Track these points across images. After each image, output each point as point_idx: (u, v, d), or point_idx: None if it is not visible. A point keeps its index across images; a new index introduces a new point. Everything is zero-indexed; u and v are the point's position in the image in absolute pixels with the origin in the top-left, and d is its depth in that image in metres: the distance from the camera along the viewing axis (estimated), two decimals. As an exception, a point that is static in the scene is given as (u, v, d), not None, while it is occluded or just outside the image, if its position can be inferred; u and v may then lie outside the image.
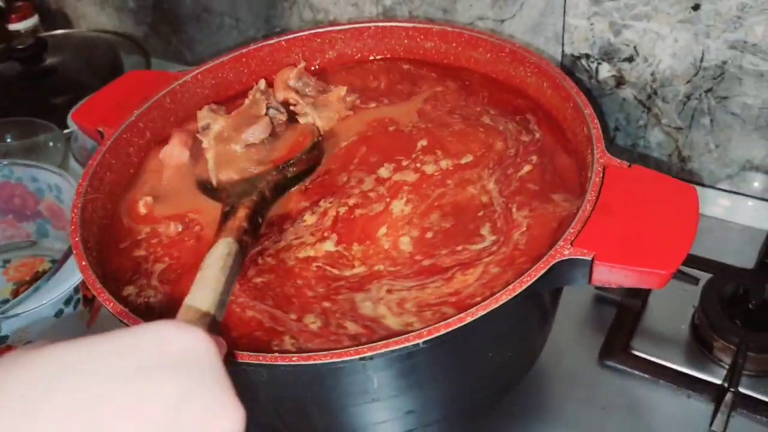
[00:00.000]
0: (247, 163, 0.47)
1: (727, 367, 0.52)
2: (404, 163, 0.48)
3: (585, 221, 0.36)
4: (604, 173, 0.39)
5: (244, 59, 0.57)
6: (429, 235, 0.43)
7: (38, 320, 0.52)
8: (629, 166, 0.40)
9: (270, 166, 0.47)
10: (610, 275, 0.35)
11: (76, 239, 0.41)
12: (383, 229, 0.44)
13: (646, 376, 0.54)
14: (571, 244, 0.35)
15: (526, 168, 0.47)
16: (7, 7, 1.04)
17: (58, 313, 0.53)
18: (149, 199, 0.48)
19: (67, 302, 0.54)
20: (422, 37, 0.57)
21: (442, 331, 0.32)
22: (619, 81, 0.67)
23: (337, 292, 0.41)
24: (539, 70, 0.50)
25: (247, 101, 0.51)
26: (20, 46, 0.90)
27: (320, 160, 0.49)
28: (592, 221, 0.36)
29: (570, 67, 0.69)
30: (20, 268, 0.68)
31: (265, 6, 0.87)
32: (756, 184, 0.66)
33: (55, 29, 1.11)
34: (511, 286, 0.34)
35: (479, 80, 0.55)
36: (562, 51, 0.69)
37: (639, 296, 0.59)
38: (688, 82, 0.64)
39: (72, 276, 0.51)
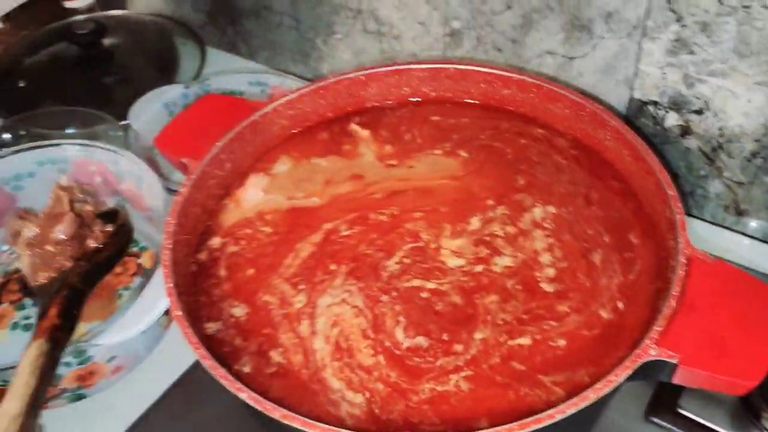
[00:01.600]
0: (64, 258, 0.51)
1: (772, 438, 0.54)
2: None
3: (670, 319, 0.38)
4: (688, 266, 0.40)
5: (322, 91, 0.58)
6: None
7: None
8: (713, 259, 0.41)
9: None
10: (693, 378, 0.36)
11: (170, 285, 0.42)
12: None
13: (692, 437, 0.55)
14: (657, 344, 0.37)
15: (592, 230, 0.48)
16: (65, -16, 1.04)
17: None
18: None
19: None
20: (500, 83, 0.57)
21: (533, 426, 0.34)
22: (685, 131, 0.67)
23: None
24: (620, 136, 0.50)
25: (49, 201, 0.53)
26: (81, 31, 0.90)
27: (129, 240, 0.53)
28: (678, 319, 0.37)
29: (636, 111, 0.69)
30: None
31: (329, 12, 0.87)
32: (812, 246, 0.67)
33: (110, 8, 1.11)
34: (598, 385, 0.35)
35: (553, 133, 0.55)
36: (631, 95, 0.69)
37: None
38: (756, 140, 0.64)
39: (156, 305, 0.52)
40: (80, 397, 0.57)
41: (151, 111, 0.79)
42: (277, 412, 0.35)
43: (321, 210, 0.52)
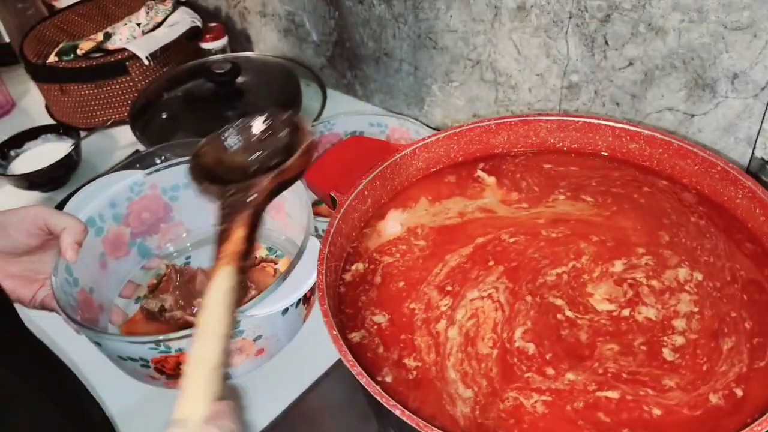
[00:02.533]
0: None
1: None
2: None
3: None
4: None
5: (456, 137, 0.62)
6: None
7: (269, 317, 0.59)
8: None
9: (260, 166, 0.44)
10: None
11: (325, 306, 0.47)
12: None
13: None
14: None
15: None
16: (202, 26, 1.15)
17: (284, 312, 0.60)
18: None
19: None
20: (628, 137, 0.60)
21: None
22: (809, 192, 0.68)
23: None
24: (753, 195, 0.52)
25: None
26: (218, 70, 0.99)
27: (311, 157, 0.45)
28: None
29: (757, 170, 0.70)
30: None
31: (448, 61, 0.92)
32: None
33: (239, 50, 1.21)
34: None
35: (676, 186, 0.57)
36: (752, 154, 0.70)
37: None
38: None
39: (302, 285, 0.57)
40: (225, 378, 0.62)
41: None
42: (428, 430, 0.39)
43: (469, 226, 0.56)
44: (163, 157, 0.92)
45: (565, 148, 0.63)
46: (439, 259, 0.54)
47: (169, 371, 0.60)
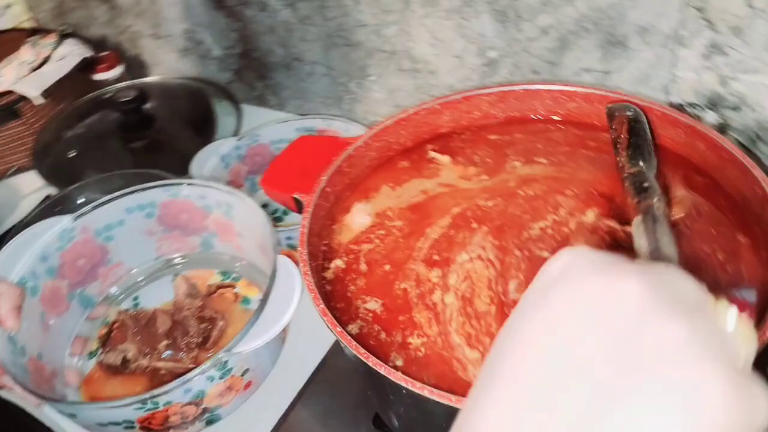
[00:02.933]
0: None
1: None
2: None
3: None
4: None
5: (403, 122, 0.62)
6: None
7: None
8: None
9: None
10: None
11: (322, 306, 0.45)
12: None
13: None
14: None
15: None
16: (93, 57, 1.08)
17: None
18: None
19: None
20: (566, 98, 0.62)
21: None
22: (724, 127, 0.73)
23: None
24: (693, 131, 0.56)
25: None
26: (124, 99, 0.94)
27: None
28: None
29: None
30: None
31: (362, 56, 0.92)
32: None
33: (136, 77, 1.15)
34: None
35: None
36: (669, 100, 0.74)
37: None
38: (792, 128, 0.70)
39: (284, 315, 0.55)
40: (215, 420, 0.59)
41: (210, 164, 0.82)
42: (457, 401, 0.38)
43: (439, 201, 0.56)
44: (81, 198, 0.86)
45: (506, 120, 0.64)
46: (419, 234, 0.53)
47: (156, 427, 0.56)
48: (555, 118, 0.63)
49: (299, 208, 0.56)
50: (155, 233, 0.74)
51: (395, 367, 0.44)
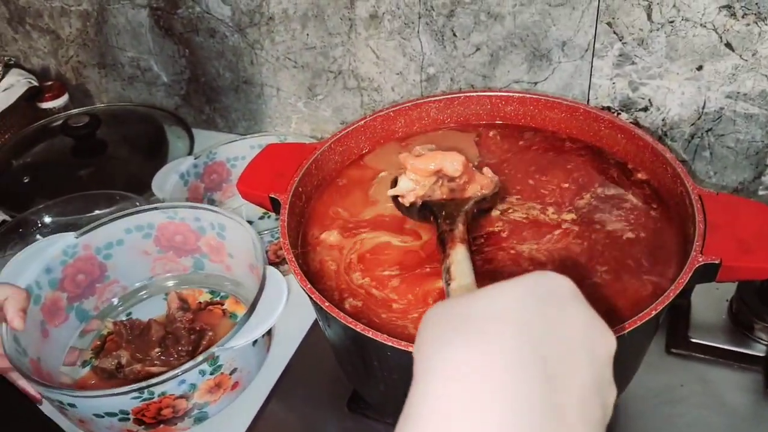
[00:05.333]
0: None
1: (767, 342, 0.68)
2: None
3: (704, 236, 0.51)
4: (702, 201, 0.54)
5: (363, 129, 0.68)
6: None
7: (241, 350, 0.62)
8: (717, 194, 0.54)
9: (467, 198, 0.57)
10: (732, 273, 0.49)
11: (310, 286, 0.51)
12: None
13: (707, 356, 0.68)
14: (701, 253, 0.49)
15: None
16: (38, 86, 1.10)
17: (254, 343, 0.64)
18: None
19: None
20: (503, 102, 0.70)
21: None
22: (636, 125, 0.84)
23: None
24: (613, 125, 0.65)
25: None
26: (77, 125, 0.96)
27: (495, 204, 0.60)
28: (709, 236, 0.51)
29: (594, 117, 0.85)
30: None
31: (310, 76, 0.99)
32: (747, 201, 0.84)
33: (80, 105, 1.16)
34: (666, 293, 0.47)
35: (555, 136, 0.69)
36: (588, 105, 0.85)
37: (684, 297, 0.74)
38: (692, 124, 0.81)
39: (270, 317, 0.60)
40: (203, 418, 0.62)
41: (170, 181, 0.86)
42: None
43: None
44: (47, 218, 0.88)
45: (452, 124, 0.72)
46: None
47: (149, 420, 0.59)
48: (497, 122, 0.71)
49: (274, 207, 0.61)
50: (151, 254, 0.78)
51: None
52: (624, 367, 0.57)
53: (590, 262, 0.55)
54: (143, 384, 0.55)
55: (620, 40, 0.77)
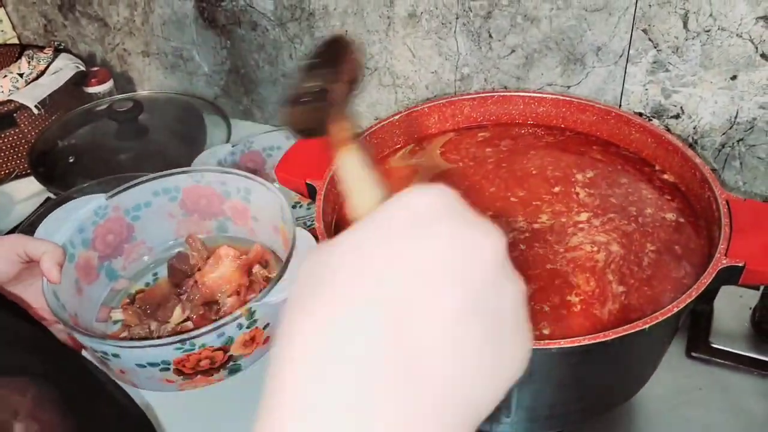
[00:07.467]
0: None
1: (788, 351, 0.69)
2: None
3: (729, 239, 0.52)
4: (729, 205, 0.55)
5: (397, 123, 0.70)
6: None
7: (274, 306, 0.64)
8: (744, 200, 0.55)
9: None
10: (755, 277, 0.50)
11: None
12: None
13: (727, 362, 0.69)
14: (726, 255, 0.50)
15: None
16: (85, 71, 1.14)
17: (285, 300, 0.65)
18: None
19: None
20: (536, 103, 0.72)
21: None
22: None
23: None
24: (644, 129, 0.66)
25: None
26: (122, 109, 1.00)
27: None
28: (734, 239, 0.52)
29: (625, 122, 0.86)
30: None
31: (347, 72, 1.01)
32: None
33: (125, 92, 1.20)
34: (688, 292, 0.48)
35: (585, 138, 0.71)
36: (619, 108, 0.86)
37: (707, 303, 0.74)
38: (723, 133, 0.81)
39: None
40: (237, 370, 0.65)
41: (208, 166, 0.89)
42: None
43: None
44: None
45: (485, 122, 0.74)
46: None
47: (188, 371, 0.62)
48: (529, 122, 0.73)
49: (310, 193, 0.63)
50: (176, 216, 0.81)
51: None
52: (643, 364, 0.58)
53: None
54: (185, 336, 0.58)
55: (655, 47, 0.78)
